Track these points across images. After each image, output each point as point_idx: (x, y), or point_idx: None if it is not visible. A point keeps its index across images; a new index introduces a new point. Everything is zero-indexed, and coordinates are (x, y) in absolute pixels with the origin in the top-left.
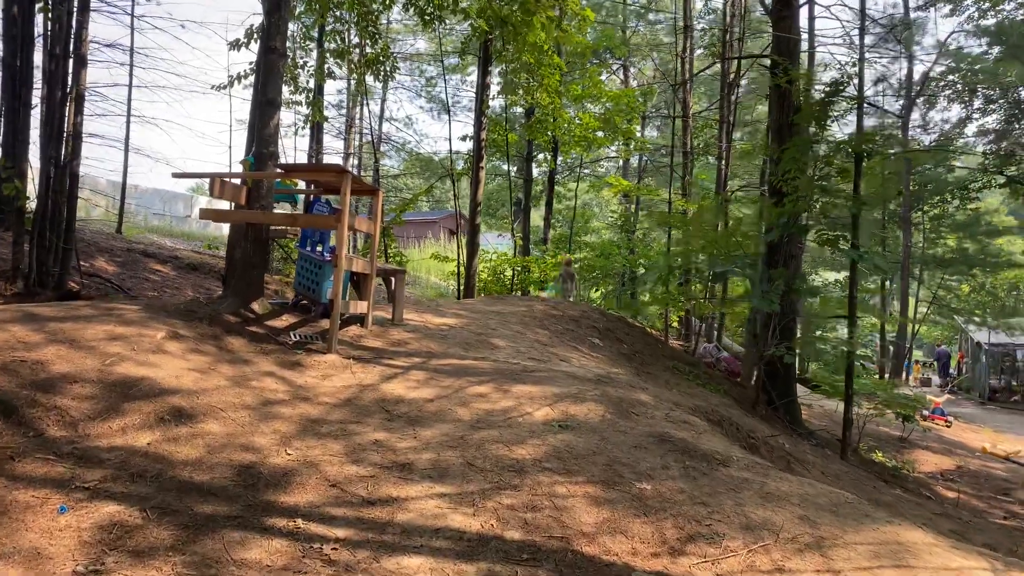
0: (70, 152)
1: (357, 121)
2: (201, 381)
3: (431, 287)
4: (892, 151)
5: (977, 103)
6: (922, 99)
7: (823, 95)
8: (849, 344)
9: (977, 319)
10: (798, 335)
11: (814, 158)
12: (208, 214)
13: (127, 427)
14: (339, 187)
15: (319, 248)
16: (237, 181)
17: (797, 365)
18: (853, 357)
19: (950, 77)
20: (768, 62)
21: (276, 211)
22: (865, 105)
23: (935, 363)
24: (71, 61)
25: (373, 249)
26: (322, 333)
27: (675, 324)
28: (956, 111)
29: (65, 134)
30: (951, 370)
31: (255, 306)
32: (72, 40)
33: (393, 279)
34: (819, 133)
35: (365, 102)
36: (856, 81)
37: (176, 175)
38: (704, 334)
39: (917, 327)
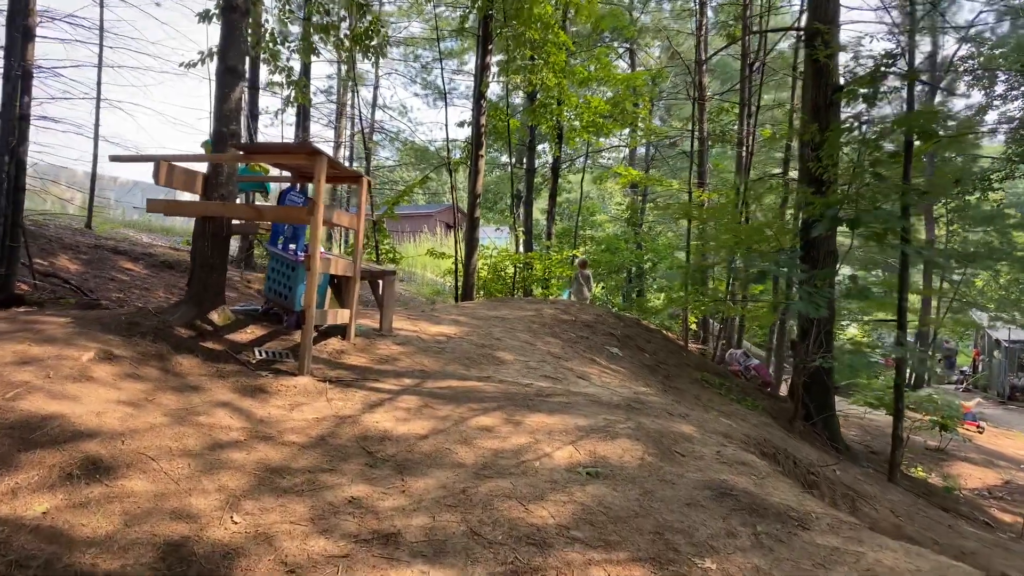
0: (16, 137)
1: (349, 108)
2: (132, 418)
3: (427, 284)
4: (946, 135)
5: (999, 88)
6: (945, 82)
7: (873, 68)
8: (903, 352)
9: (1004, 316)
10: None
11: (861, 141)
12: (157, 206)
13: (19, 488)
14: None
15: (292, 246)
16: (188, 165)
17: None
18: (905, 367)
19: (970, 61)
20: (792, 37)
21: (242, 202)
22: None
23: (942, 360)
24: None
25: (357, 247)
26: (294, 349)
27: (692, 326)
28: (977, 97)
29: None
30: (964, 368)
31: (214, 316)
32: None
33: (381, 282)
34: (868, 112)
35: (356, 89)
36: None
37: (114, 158)
38: (724, 337)
39: (938, 327)
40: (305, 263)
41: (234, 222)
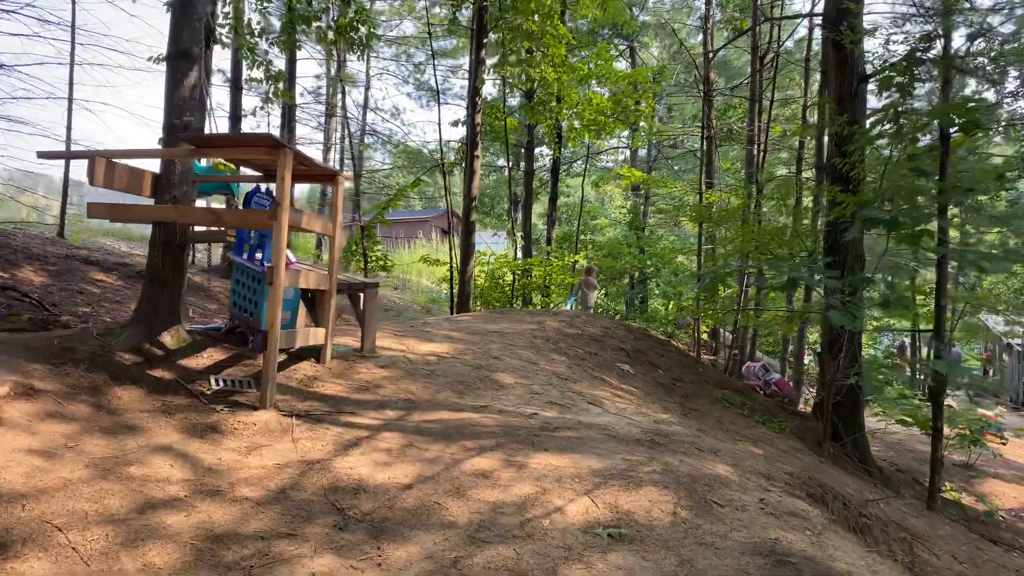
0: None
1: (339, 111)
2: (42, 473)
3: (423, 292)
4: (988, 126)
5: (1010, 85)
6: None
7: (908, 52)
8: (944, 367)
9: (1021, 319)
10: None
11: (895, 134)
12: (99, 210)
13: None
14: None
15: (258, 255)
16: (138, 163)
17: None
18: (945, 383)
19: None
20: (804, 28)
21: (202, 205)
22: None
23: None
24: None
25: (333, 256)
26: (258, 376)
27: (704, 336)
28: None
29: None
30: (974, 371)
31: (166, 338)
32: None
33: (362, 296)
34: (903, 101)
35: (343, 86)
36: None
37: (42, 155)
38: (736, 346)
39: (953, 329)
40: (268, 275)
41: (197, 229)
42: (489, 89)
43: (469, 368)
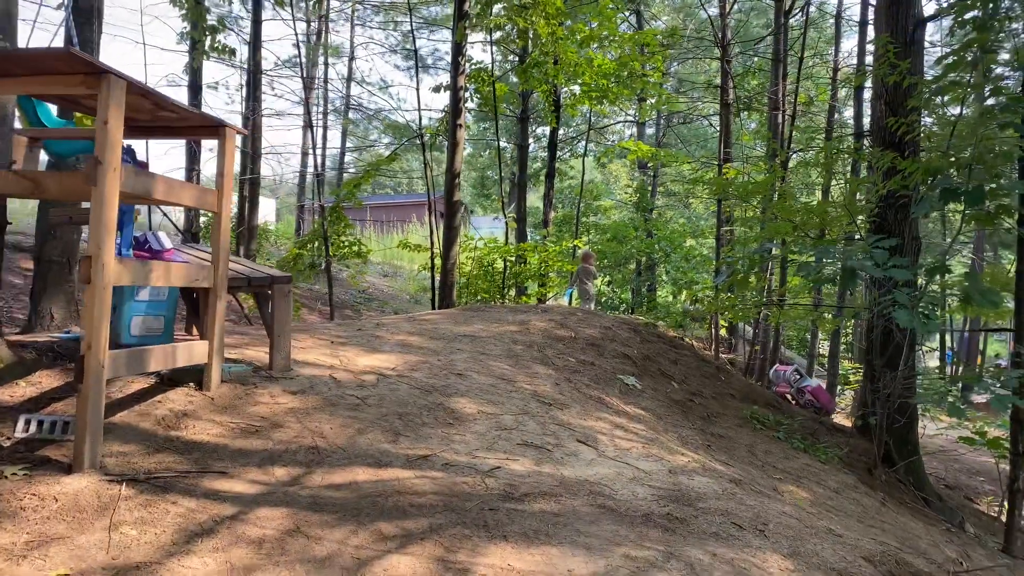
0: None
1: (320, 84)
2: None
3: (413, 279)
4: None
5: None
6: None
7: None
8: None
9: None
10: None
11: (977, 86)
12: None
13: None
14: (143, 115)
15: (116, 240)
16: None
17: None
18: None
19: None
20: None
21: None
22: None
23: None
24: None
25: (217, 242)
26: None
27: (722, 331)
28: None
29: None
30: (1001, 361)
31: None
32: None
33: (272, 293)
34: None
35: (328, 60)
36: None
37: None
38: (757, 342)
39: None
40: (83, 269)
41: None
42: (480, 55)
43: (418, 392)
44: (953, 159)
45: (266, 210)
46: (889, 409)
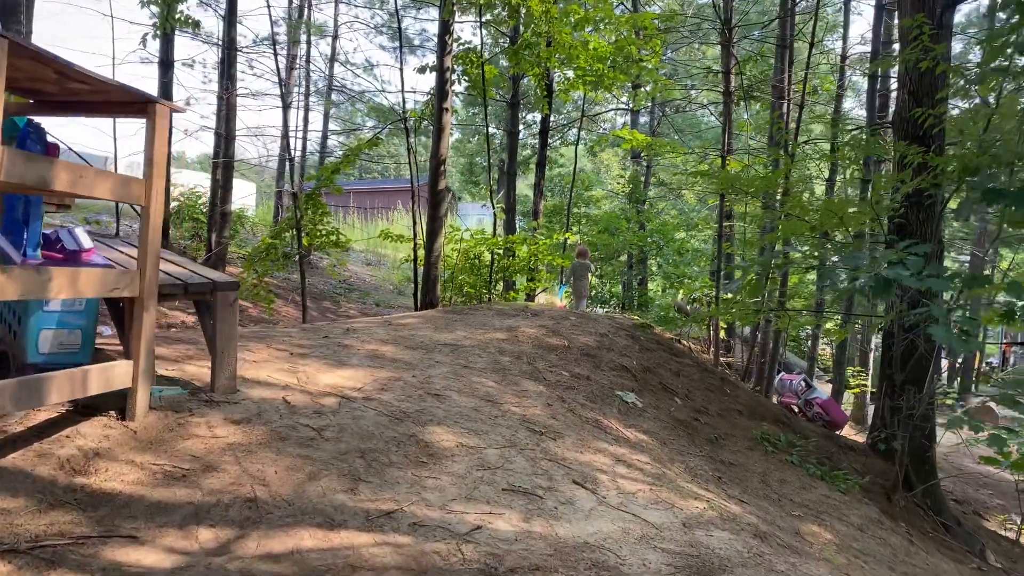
0: None
1: (303, 63)
2: None
3: (398, 268)
4: None
5: None
6: None
7: None
8: None
9: None
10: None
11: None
12: None
13: None
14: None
15: (8, 239)
16: None
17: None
18: None
19: None
20: None
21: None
22: None
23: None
24: None
25: (146, 241)
26: None
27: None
28: None
29: None
30: (991, 359)
31: None
32: None
33: (214, 301)
34: None
35: (310, 38)
36: None
37: None
38: (757, 343)
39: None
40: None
41: None
42: (470, 37)
43: (386, 420)
44: (993, 155)
45: (246, 192)
46: (912, 433)
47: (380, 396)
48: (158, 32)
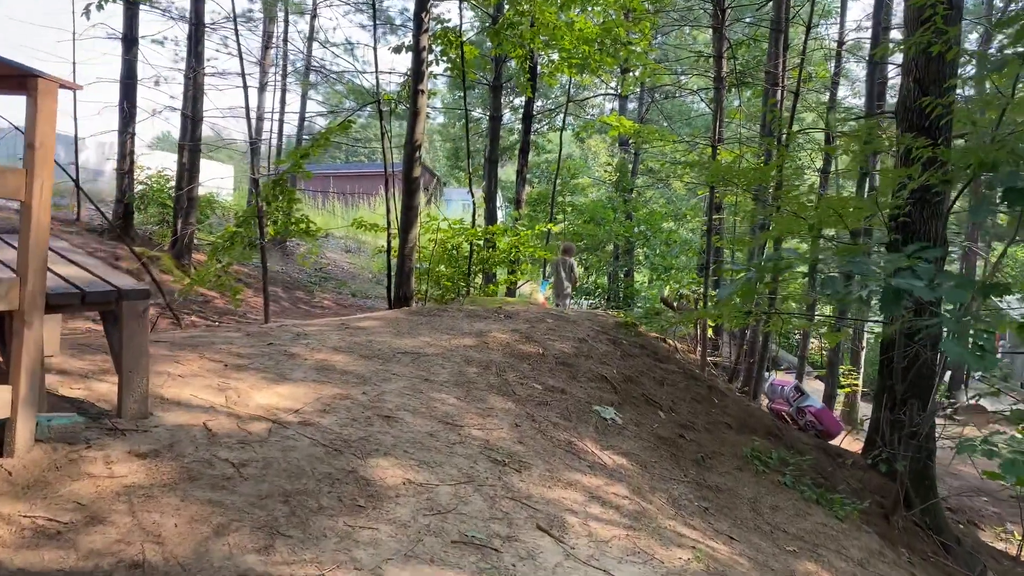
0: None
1: (279, 42)
2: None
3: (378, 256)
4: None
5: None
6: None
7: None
8: None
9: None
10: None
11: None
12: None
13: None
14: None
15: None
16: None
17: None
18: None
19: None
20: None
21: None
22: None
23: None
24: None
25: (27, 242)
26: None
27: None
28: None
29: None
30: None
31: None
32: None
33: (120, 312)
34: None
35: (289, 17)
36: None
37: None
38: (745, 342)
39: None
40: None
41: None
42: (452, 16)
43: (323, 451)
44: (1011, 150)
45: (223, 175)
46: (915, 451)
47: (320, 420)
48: (104, 1)
